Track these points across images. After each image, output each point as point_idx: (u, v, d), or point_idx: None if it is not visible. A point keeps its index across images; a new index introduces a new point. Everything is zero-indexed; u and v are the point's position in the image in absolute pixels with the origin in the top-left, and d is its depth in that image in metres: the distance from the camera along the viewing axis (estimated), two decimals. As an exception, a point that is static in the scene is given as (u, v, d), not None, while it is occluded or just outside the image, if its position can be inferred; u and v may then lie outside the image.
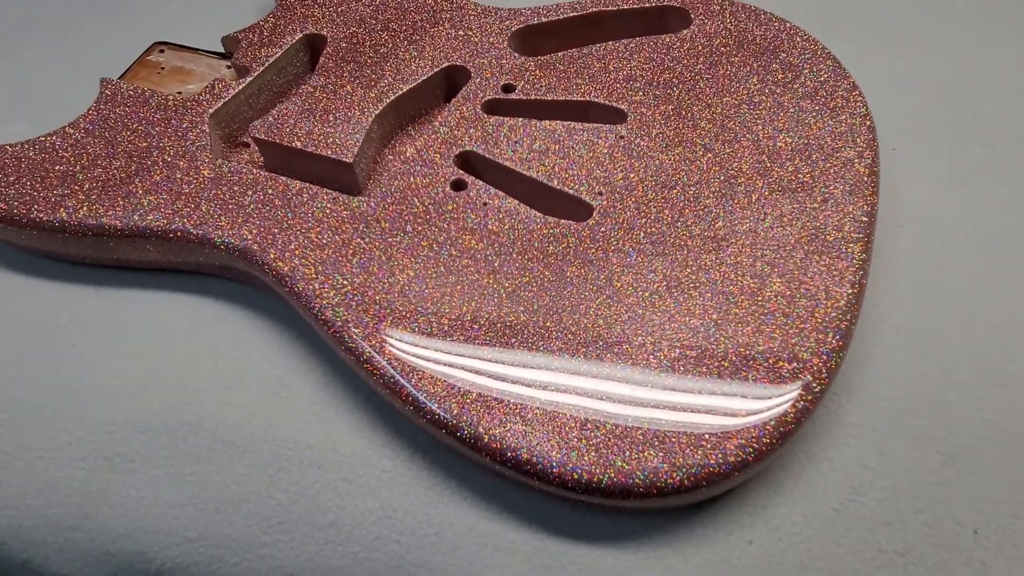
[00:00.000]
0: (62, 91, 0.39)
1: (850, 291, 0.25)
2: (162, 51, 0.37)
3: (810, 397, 0.23)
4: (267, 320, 0.30)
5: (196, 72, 0.36)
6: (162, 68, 0.36)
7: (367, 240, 0.27)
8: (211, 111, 0.32)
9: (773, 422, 0.23)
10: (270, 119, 0.31)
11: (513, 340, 0.25)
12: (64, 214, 0.29)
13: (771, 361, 0.24)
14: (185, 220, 0.28)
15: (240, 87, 0.32)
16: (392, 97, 0.32)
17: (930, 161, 0.33)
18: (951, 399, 0.26)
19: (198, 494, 0.26)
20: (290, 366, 0.28)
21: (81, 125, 0.32)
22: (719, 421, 0.23)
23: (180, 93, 0.35)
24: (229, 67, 0.36)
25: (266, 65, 0.33)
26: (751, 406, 0.23)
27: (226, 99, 0.32)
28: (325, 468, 0.26)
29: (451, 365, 0.24)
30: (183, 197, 0.29)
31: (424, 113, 0.34)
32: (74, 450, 0.27)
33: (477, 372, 0.24)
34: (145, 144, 0.31)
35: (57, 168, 0.30)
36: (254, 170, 0.30)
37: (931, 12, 0.39)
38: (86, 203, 0.29)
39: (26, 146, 0.31)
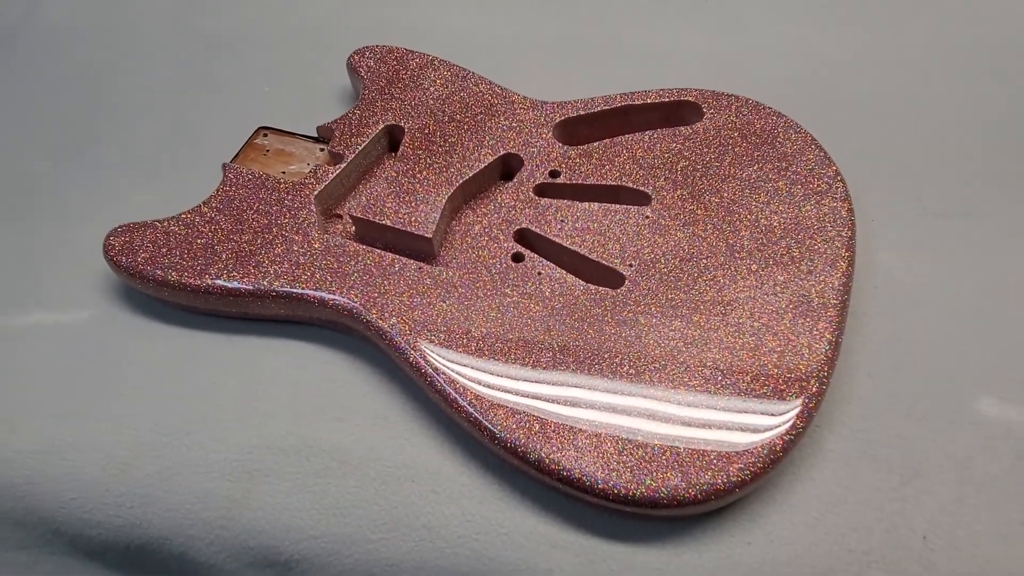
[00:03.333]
0: (179, 165, 0.47)
1: (827, 348, 0.32)
2: (265, 135, 0.45)
3: (795, 431, 0.30)
4: (364, 363, 0.37)
5: (296, 154, 0.44)
6: (267, 151, 0.44)
7: (448, 303, 0.35)
8: (316, 193, 0.39)
9: (766, 450, 0.30)
10: (364, 200, 0.39)
11: (564, 384, 0.32)
12: (209, 280, 0.36)
13: (766, 405, 0.31)
14: (303, 285, 0.36)
15: (337, 172, 0.40)
16: (460, 181, 0.39)
17: (902, 232, 0.40)
18: (911, 432, 0.33)
19: (319, 501, 0.33)
20: (385, 401, 0.36)
21: (213, 204, 0.40)
22: (724, 449, 0.30)
23: (284, 173, 0.43)
24: (322, 150, 0.44)
25: (356, 152, 0.41)
26: (749, 438, 0.30)
27: (327, 182, 0.40)
28: (417, 482, 0.33)
29: (518, 404, 0.32)
30: (301, 266, 0.37)
31: (483, 191, 0.41)
32: (222, 466, 0.34)
33: (538, 410, 0.31)
34: (266, 221, 0.39)
35: (199, 241, 0.38)
36: (353, 243, 0.37)
37: (909, 98, 0.46)
38: (225, 271, 0.37)
39: (171, 222, 0.39)
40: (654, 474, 0.29)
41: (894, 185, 0.42)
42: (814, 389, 0.31)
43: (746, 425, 0.30)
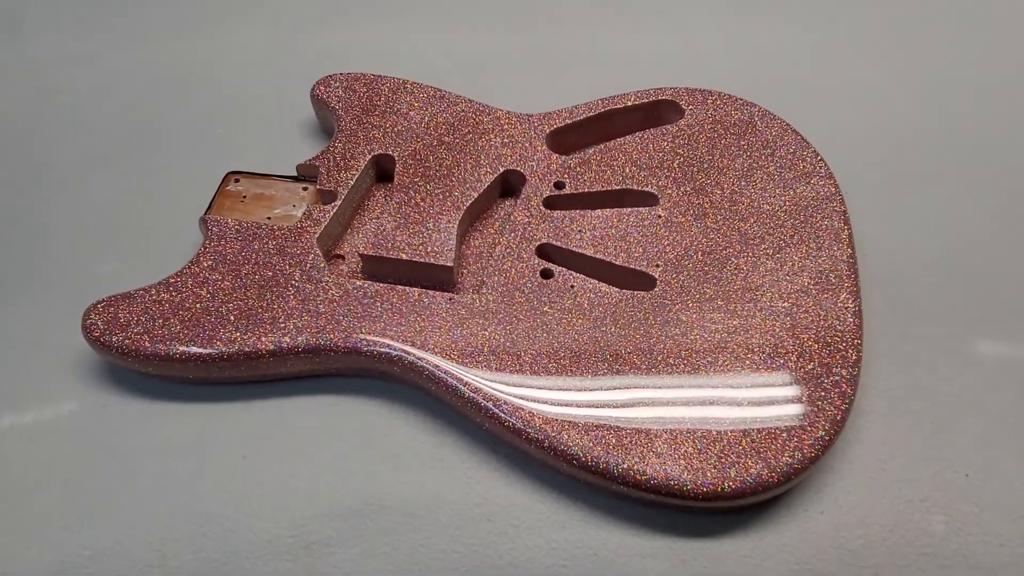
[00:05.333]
0: (142, 224, 0.42)
1: (853, 317, 0.34)
2: (237, 180, 0.41)
3: (849, 399, 0.32)
4: (401, 407, 0.35)
5: (277, 196, 0.41)
6: (244, 197, 0.41)
7: (489, 331, 0.34)
8: (317, 235, 0.37)
9: (829, 422, 0.31)
10: (371, 236, 0.37)
11: (627, 390, 0.32)
12: (222, 346, 0.33)
13: (817, 379, 0.32)
14: (331, 336, 0.34)
15: (334, 211, 0.38)
16: (467, 204, 0.38)
17: (874, 201, 0.43)
18: (928, 383, 0.36)
19: (393, 561, 0.31)
20: (436, 442, 0.34)
21: (203, 263, 0.36)
22: (793, 428, 0.31)
23: (269, 218, 0.40)
24: (306, 189, 0.41)
25: (349, 188, 0.39)
26: (813, 413, 0.31)
27: (325, 223, 0.37)
28: (493, 520, 0.32)
29: (588, 420, 0.31)
30: (322, 316, 0.34)
31: (486, 211, 0.40)
32: (275, 547, 0.31)
33: (609, 422, 0.31)
34: (270, 273, 0.36)
35: (197, 305, 0.34)
36: (374, 284, 0.35)
37: (854, 81, 0.50)
38: (237, 333, 0.34)
39: (159, 289, 0.35)
40: (736, 465, 0.30)
41: (854, 160, 0.45)
42: (853, 357, 0.33)
43: (807, 404, 0.32)
